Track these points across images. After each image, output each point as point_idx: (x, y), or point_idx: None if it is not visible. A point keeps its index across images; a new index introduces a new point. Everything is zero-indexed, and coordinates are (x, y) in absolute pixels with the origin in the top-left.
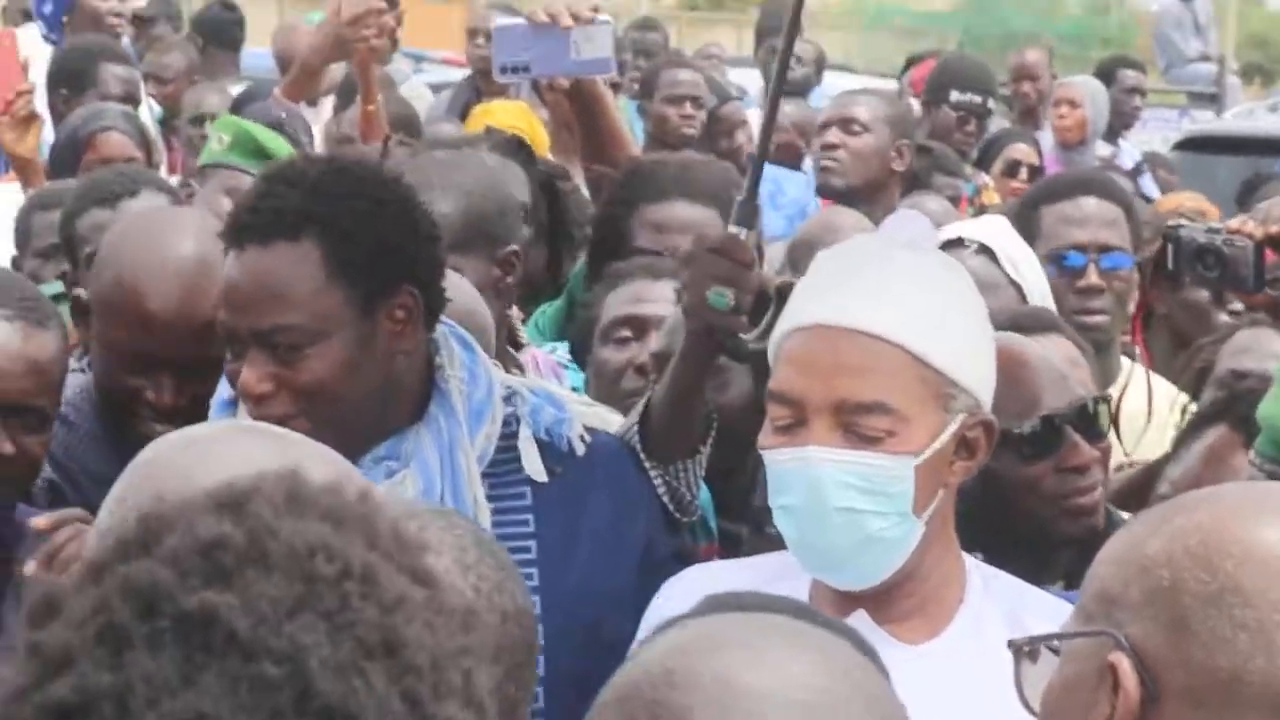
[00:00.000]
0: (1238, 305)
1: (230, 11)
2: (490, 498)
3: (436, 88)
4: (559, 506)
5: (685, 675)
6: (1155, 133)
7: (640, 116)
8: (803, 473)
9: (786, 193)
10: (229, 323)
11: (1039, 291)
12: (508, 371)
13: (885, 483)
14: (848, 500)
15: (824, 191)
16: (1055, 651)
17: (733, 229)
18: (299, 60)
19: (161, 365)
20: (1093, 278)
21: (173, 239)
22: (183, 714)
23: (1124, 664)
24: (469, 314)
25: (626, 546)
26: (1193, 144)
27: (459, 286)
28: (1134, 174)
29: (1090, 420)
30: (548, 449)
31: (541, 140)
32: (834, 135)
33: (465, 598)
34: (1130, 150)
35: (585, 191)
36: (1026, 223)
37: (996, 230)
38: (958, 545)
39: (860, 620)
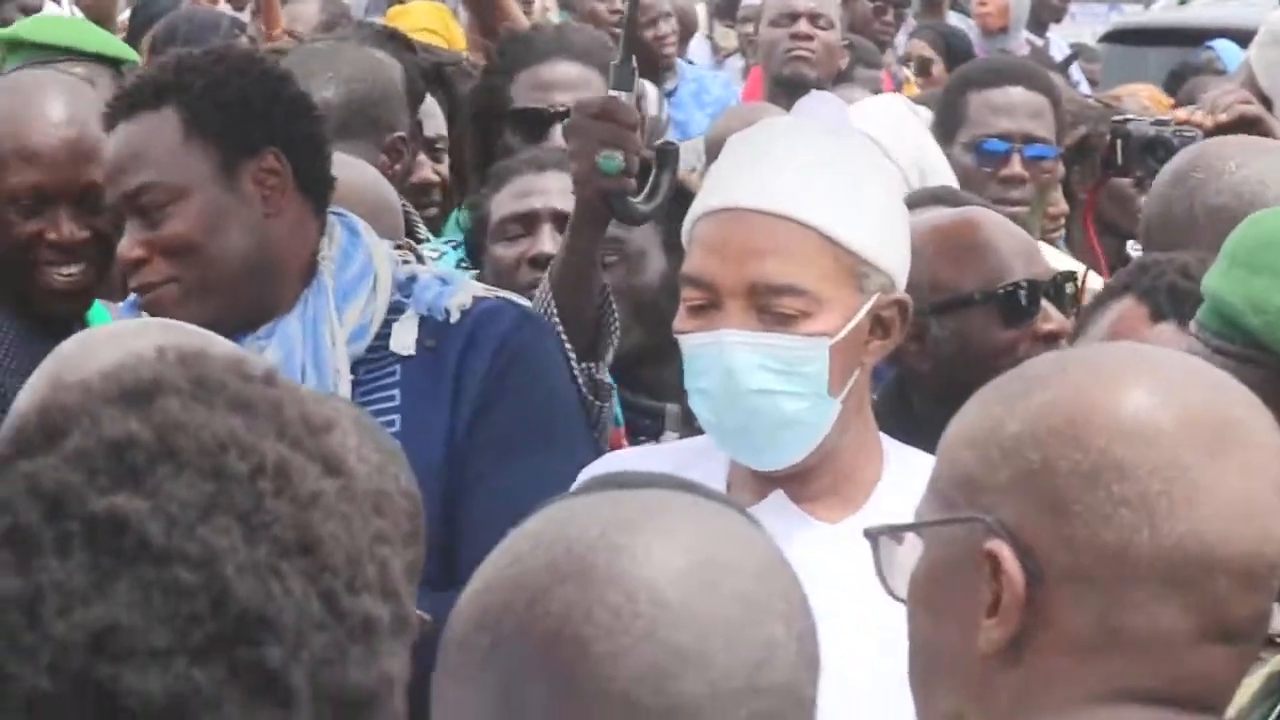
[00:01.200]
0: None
1: None
2: (363, 380)
3: None
4: (426, 378)
5: (645, 548)
6: (1084, 26)
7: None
8: (717, 356)
9: (710, 91)
10: (108, 198)
11: (925, 177)
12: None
13: (799, 363)
14: (762, 382)
15: (793, 81)
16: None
17: (613, 92)
18: None
19: (54, 201)
20: (1016, 167)
21: (42, 80)
22: (95, 623)
23: (1004, 550)
24: (367, 189)
25: (462, 418)
26: (1120, 36)
27: (357, 167)
28: (1063, 65)
29: (1060, 293)
30: (427, 323)
31: (459, 41)
32: (806, 27)
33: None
34: (1058, 42)
35: None
36: (952, 107)
37: (874, 118)
38: (874, 424)
39: (778, 500)
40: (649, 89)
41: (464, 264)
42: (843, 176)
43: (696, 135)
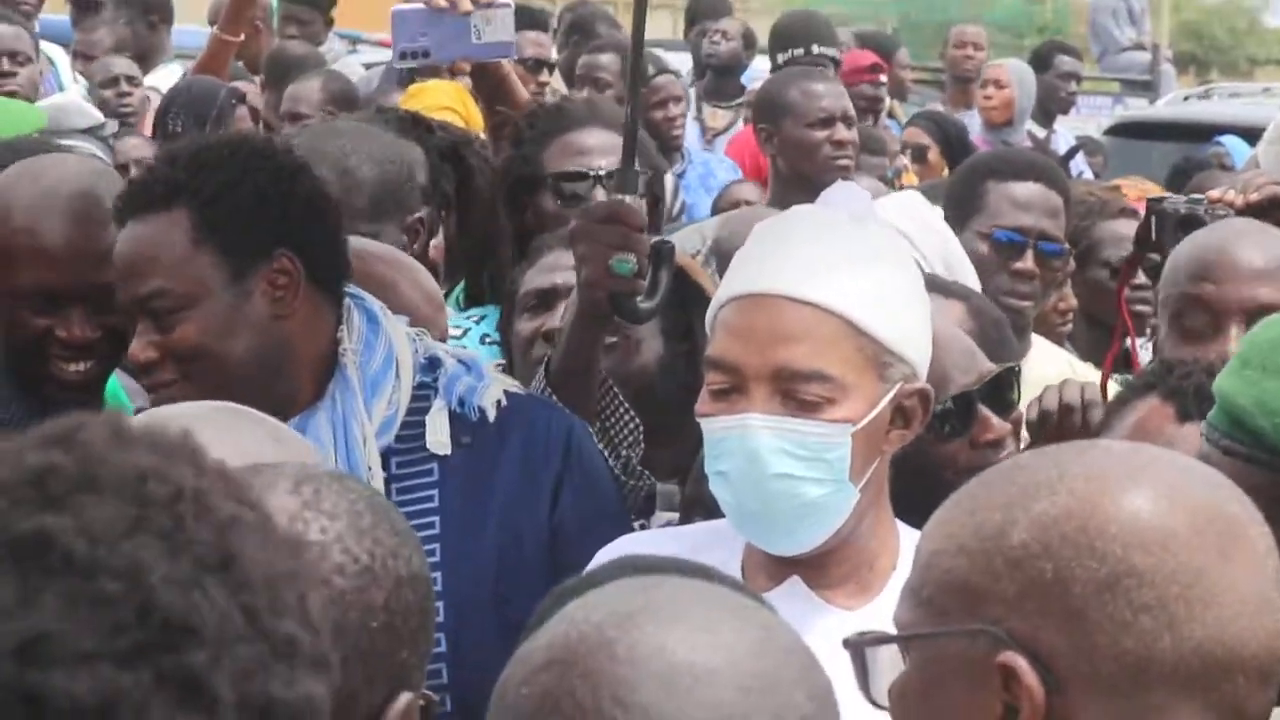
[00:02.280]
0: (1140, 279)
1: None
2: (397, 475)
3: (371, 67)
4: (465, 479)
5: (628, 647)
6: (1089, 119)
7: None
8: (741, 439)
9: (716, 175)
10: (120, 297)
11: (951, 269)
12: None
13: (823, 449)
14: (785, 467)
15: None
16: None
17: (619, 196)
18: None
19: (66, 300)
20: (1029, 262)
21: (57, 173)
22: (24, 634)
23: (1021, 663)
24: (424, 287)
25: (535, 517)
26: (1125, 129)
27: (409, 266)
28: (1066, 158)
29: (1000, 393)
30: (459, 419)
31: (476, 120)
32: (844, 132)
33: (360, 565)
34: (1064, 134)
35: None
36: (969, 192)
37: (899, 210)
38: (891, 512)
39: (795, 586)
40: (667, 178)
41: (488, 338)
42: (869, 266)
43: (702, 218)
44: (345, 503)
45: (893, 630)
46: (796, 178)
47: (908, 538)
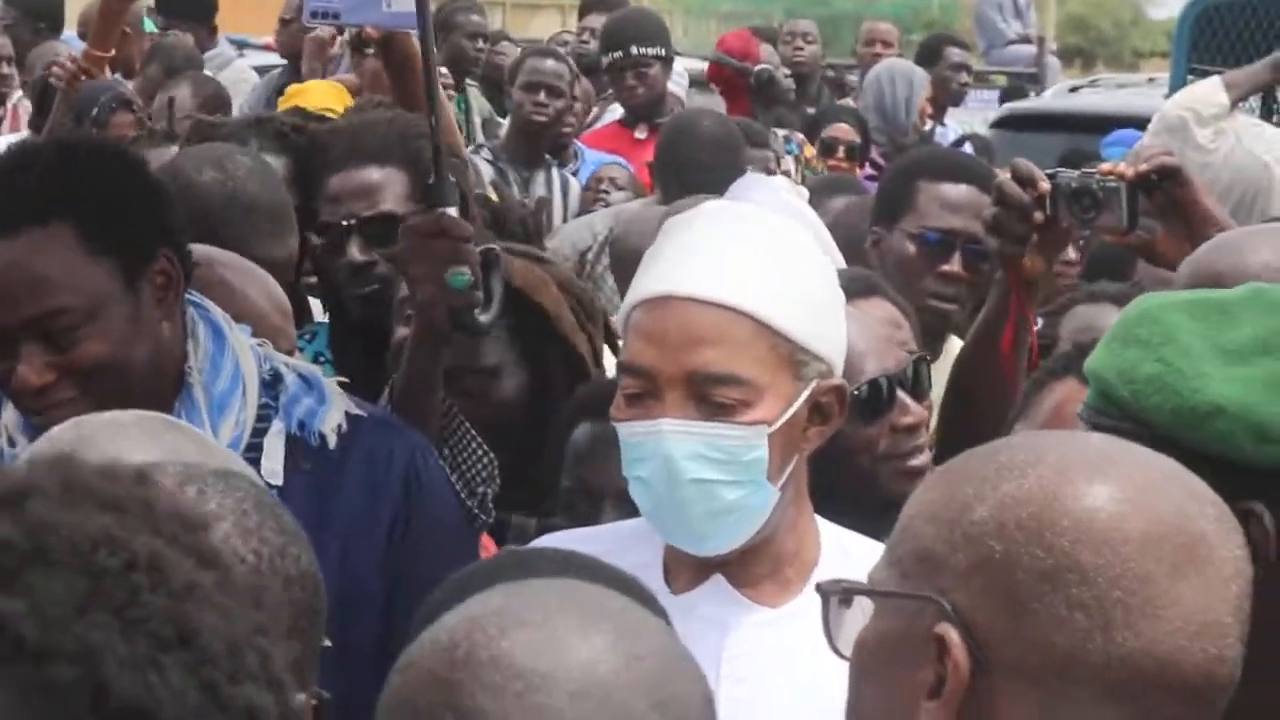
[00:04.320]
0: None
1: None
2: None
3: (261, 70)
4: (306, 507)
5: (467, 652)
6: (975, 113)
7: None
8: (656, 445)
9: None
10: None
11: None
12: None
13: (739, 452)
14: (702, 472)
15: None
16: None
17: (440, 210)
18: (100, 8)
19: None
20: (956, 265)
21: None
22: None
23: (953, 636)
24: (276, 299)
25: (373, 544)
26: (1011, 122)
27: (259, 276)
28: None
29: (916, 380)
30: (298, 443)
31: None
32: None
33: (248, 565)
34: (952, 127)
35: None
36: (899, 191)
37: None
38: (810, 508)
39: (717, 585)
40: (555, 175)
41: (321, 357)
42: (780, 264)
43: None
44: (231, 501)
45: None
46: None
47: (827, 533)
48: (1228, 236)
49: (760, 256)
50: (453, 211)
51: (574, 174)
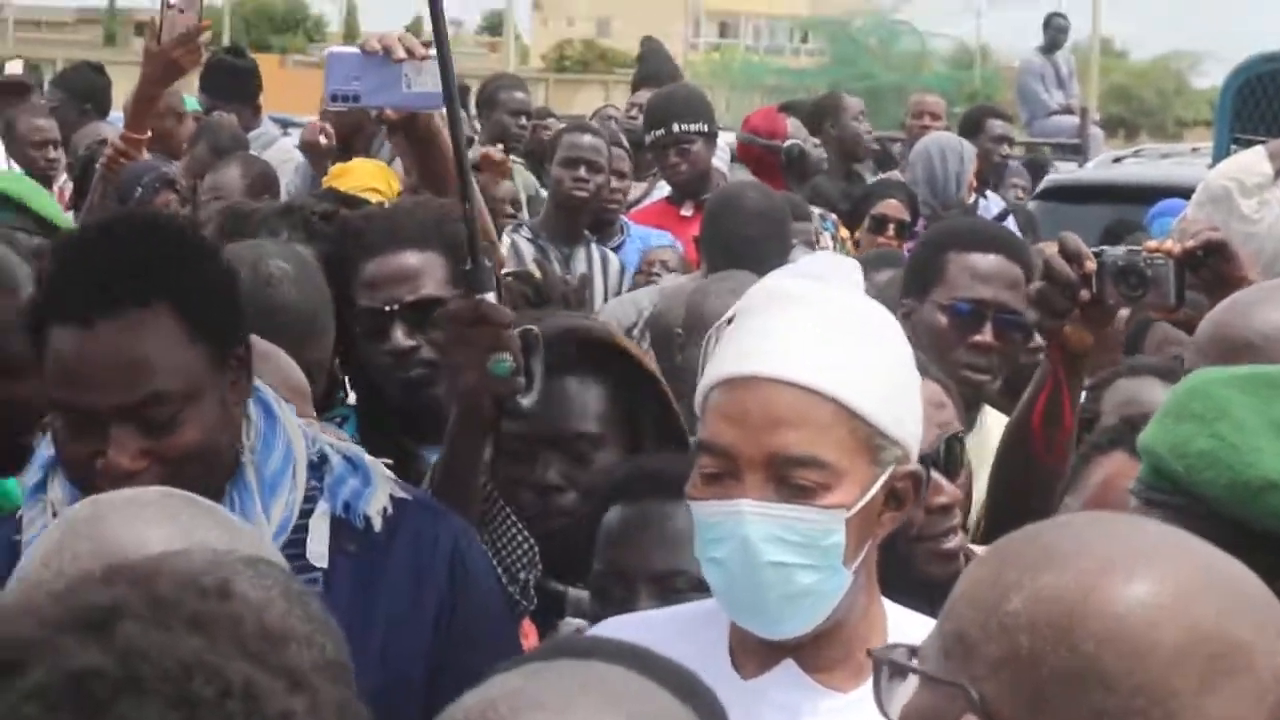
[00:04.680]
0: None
1: (99, 75)
2: None
3: None
4: (350, 591)
5: None
6: (1017, 184)
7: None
8: (735, 527)
9: (652, 247)
10: (80, 402)
11: None
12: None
13: (817, 536)
14: (780, 555)
15: None
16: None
17: (479, 297)
18: (135, 92)
19: None
20: (988, 335)
21: None
22: None
23: None
24: (287, 368)
25: (419, 632)
26: (1055, 193)
27: (272, 349)
28: (997, 222)
29: (949, 458)
30: (344, 525)
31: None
32: None
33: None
34: (994, 199)
35: None
36: (929, 262)
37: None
38: (879, 591)
39: (788, 670)
40: (612, 258)
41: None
42: (861, 346)
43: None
44: (259, 591)
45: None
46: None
47: (893, 616)
48: (1241, 296)
49: (842, 338)
50: (490, 297)
51: (619, 248)
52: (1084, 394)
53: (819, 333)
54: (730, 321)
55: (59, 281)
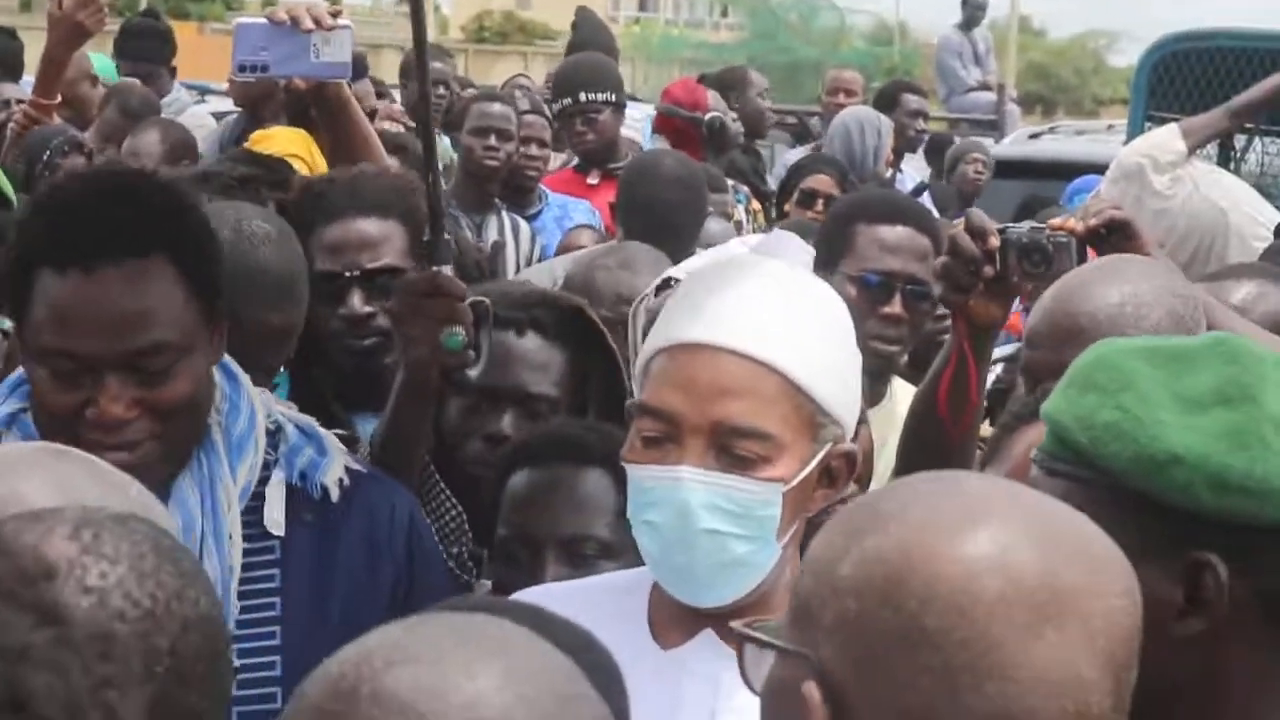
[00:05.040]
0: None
1: (12, 39)
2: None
3: (219, 116)
4: (308, 559)
5: (351, 686)
6: (936, 160)
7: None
8: (673, 492)
9: (573, 217)
10: (78, 349)
11: None
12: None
13: (755, 507)
14: (715, 523)
15: None
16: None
17: (436, 268)
18: (42, 57)
19: None
20: (897, 306)
21: None
22: None
23: (814, 694)
24: None
25: (375, 603)
26: None
27: None
28: (913, 195)
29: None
30: (299, 495)
31: (321, 166)
32: None
33: (142, 610)
34: (910, 173)
35: None
36: (838, 235)
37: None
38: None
39: (707, 640)
40: (508, 220)
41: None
42: (810, 324)
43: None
44: (127, 545)
45: None
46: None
47: None
48: (1068, 279)
49: (793, 314)
50: (448, 270)
51: (537, 216)
52: (1003, 365)
53: (771, 306)
54: (669, 286)
55: (52, 229)
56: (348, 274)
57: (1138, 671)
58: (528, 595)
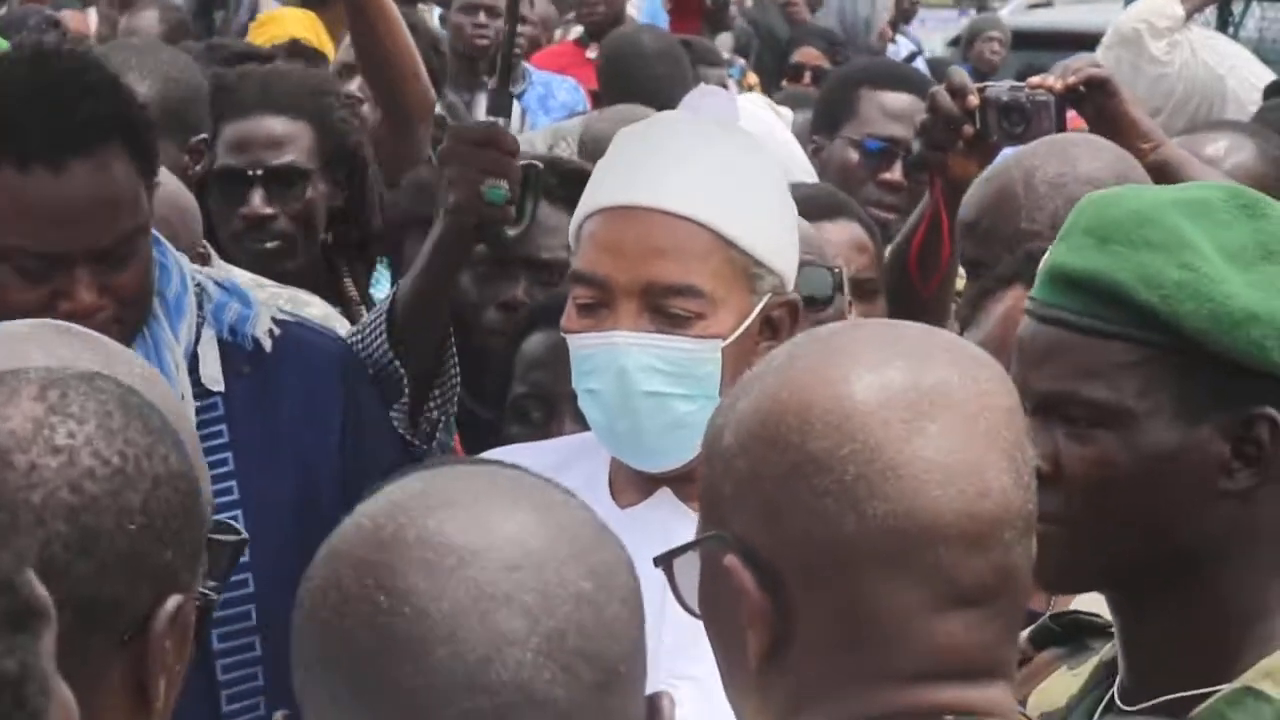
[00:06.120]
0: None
1: None
2: None
3: None
4: (253, 411)
5: (393, 533)
6: (935, 31)
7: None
8: (610, 357)
9: (556, 96)
10: (49, 244)
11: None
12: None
13: (693, 365)
14: (655, 384)
15: None
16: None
17: (491, 118)
18: None
19: None
20: (898, 173)
21: None
22: None
23: (735, 564)
24: (174, 196)
25: (325, 449)
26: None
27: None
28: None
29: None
30: (233, 349)
31: (327, 47)
32: None
33: (111, 467)
34: (904, 43)
35: None
36: (841, 99)
37: (746, 114)
38: None
39: (664, 498)
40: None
41: None
42: (737, 176)
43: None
44: (94, 404)
45: None
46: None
47: None
48: (1052, 141)
49: (715, 169)
50: (503, 124)
51: (521, 95)
52: None
53: (694, 163)
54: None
55: (5, 126)
56: (250, 172)
57: (1179, 529)
58: (491, 455)
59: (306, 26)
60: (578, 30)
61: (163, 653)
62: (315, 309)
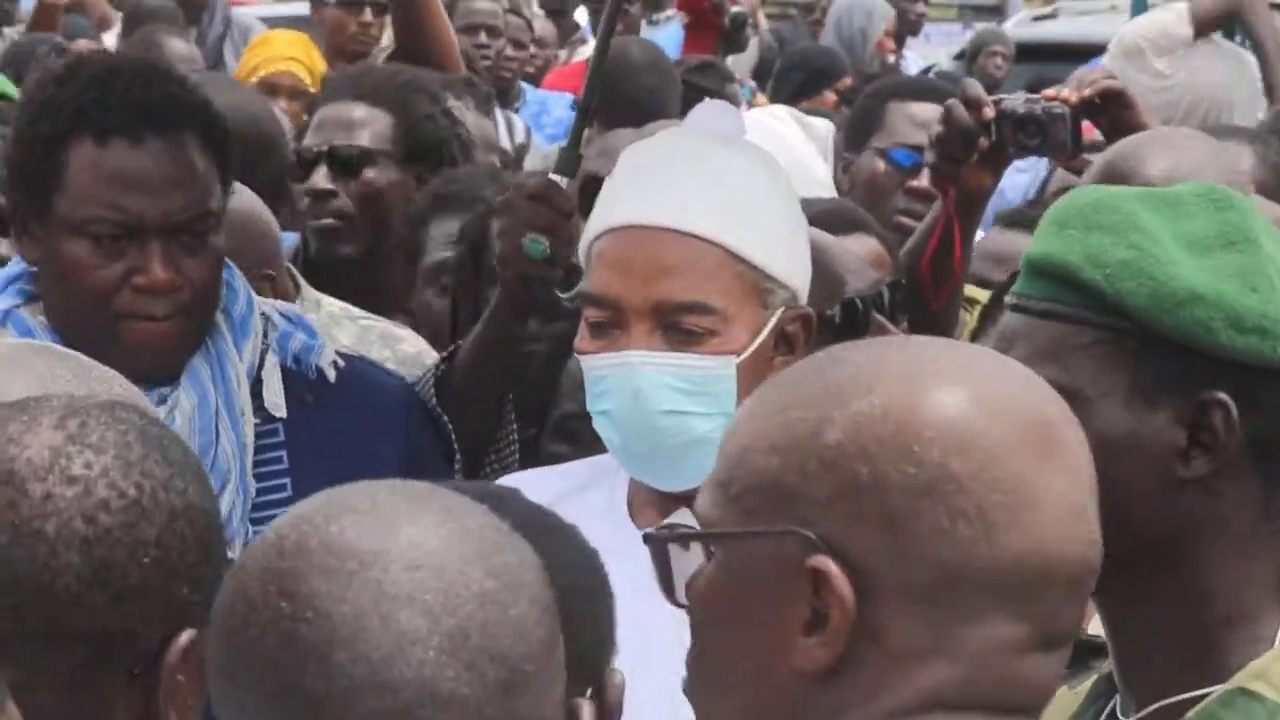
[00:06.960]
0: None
1: None
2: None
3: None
4: (314, 438)
5: (296, 542)
6: (939, 46)
7: None
8: (624, 378)
9: (551, 113)
10: (128, 210)
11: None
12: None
13: (708, 383)
14: (672, 403)
15: None
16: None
17: (553, 176)
18: None
19: None
20: (924, 180)
21: None
22: None
23: (832, 567)
24: (248, 211)
25: (385, 475)
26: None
27: (242, 191)
28: None
29: (893, 304)
30: (296, 377)
31: (319, 67)
32: None
33: (128, 499)
34: (914, 59)
35: None
36: (869, 112)
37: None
38: None
39: (683, 517)
40: (516, 120)
41: None
42: (745, 191)
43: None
44: (114, 434)
45: None
46: None
47: None
48: (1136, 139)
49: (724, 184)
50: (563, 184)
51: (515, 112)
52: None
53: (700, 180)
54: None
55: (87, 102)
56: (315, 149)
57: (1143, 519)
58: (510, 480)
59: (299, 48)
60: (585, 52)
61: (174, 687)
62: (408, 345)
